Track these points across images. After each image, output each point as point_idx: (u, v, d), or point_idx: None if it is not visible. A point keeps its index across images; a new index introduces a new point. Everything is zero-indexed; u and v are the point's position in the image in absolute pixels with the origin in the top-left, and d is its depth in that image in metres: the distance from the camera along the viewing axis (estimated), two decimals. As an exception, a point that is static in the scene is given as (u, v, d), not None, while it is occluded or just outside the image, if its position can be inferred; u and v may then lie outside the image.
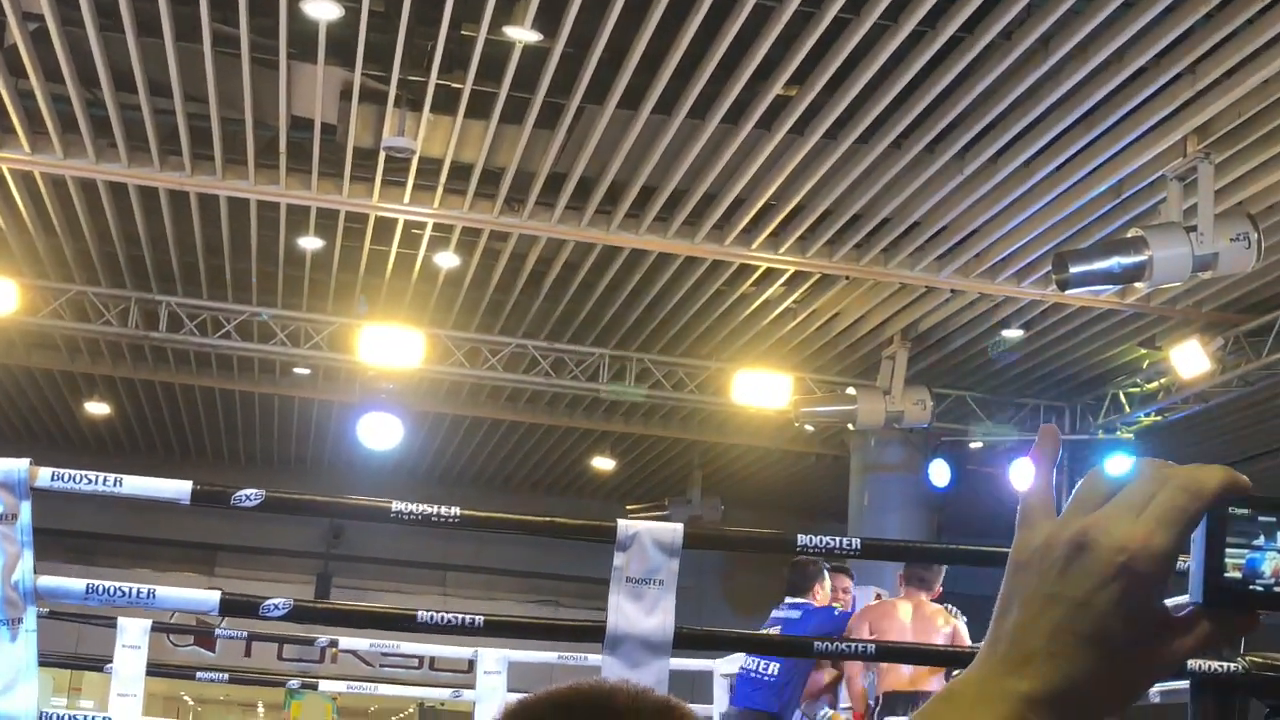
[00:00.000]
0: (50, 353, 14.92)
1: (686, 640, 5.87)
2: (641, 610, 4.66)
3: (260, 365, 15.01)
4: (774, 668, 7.72)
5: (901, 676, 7.56)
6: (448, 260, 12.05)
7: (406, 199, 10.48)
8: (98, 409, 17.16)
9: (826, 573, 8.11)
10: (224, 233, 11.68)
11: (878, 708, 7.60)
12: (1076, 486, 0.94)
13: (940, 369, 13.42)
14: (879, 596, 8.91)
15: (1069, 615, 0.90)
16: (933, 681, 7.54)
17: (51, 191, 11.07)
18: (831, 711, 8.26)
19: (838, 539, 4.96)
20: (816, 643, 5.47)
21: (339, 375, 14.83)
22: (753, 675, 7.80)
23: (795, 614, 7.90)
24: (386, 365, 13.04)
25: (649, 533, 4.68)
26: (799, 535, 4.82)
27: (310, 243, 11.88)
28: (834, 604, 8.08)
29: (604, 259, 11.73)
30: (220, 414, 17.24)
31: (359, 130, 9.61)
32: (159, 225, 11.65)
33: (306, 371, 15.08)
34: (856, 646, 5.53)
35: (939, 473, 13.87)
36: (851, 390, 12.87)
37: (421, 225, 11.23)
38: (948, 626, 7.76)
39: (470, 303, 13.04)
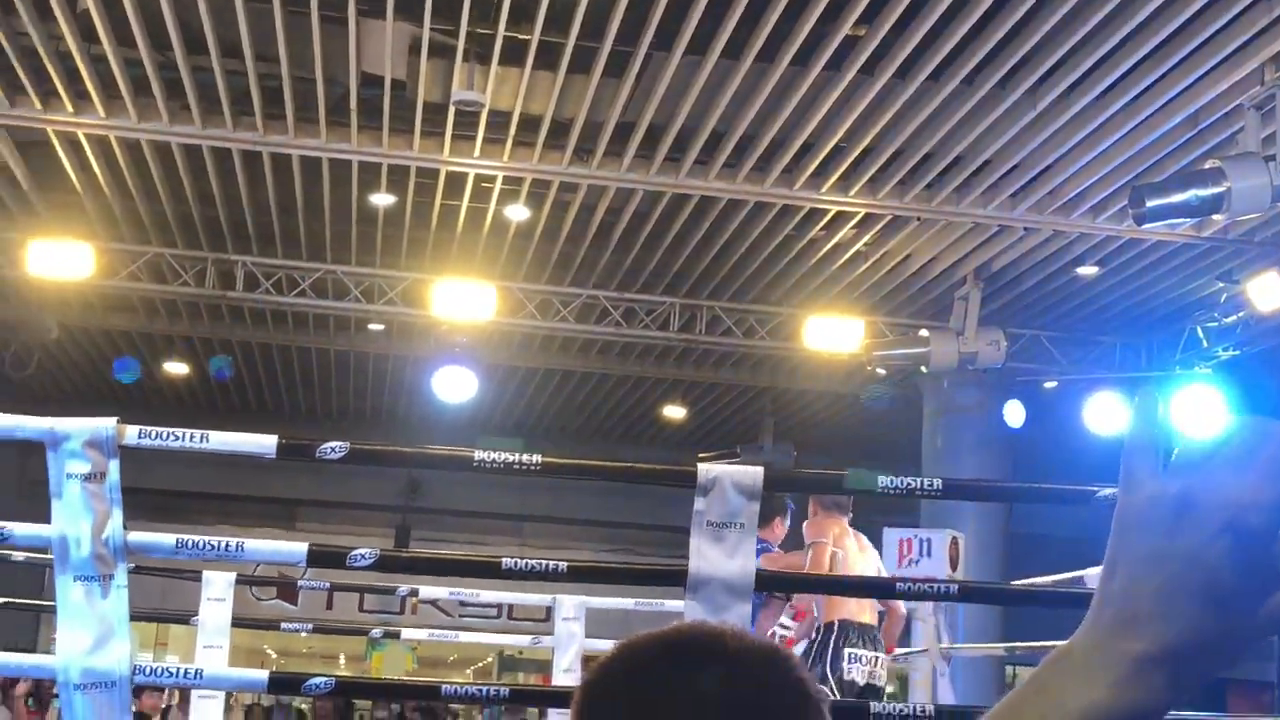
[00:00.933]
0: (128, 314, 15.14)
1: (767, 583, 5.90)
2: (723, 553, 4.68)
3: (335, 322, 15.15)
4: None
5: (856, 606, 7.53)
6: (518, 213, 12.10)
7: (476, 153, 10.52)
8: (176, 369, 17.41)
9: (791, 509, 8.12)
10: (297, 191, 11.79)
11: (830, 636, 7.53)
12: (1180, 445, 0.93)
13: (1014, 308, 13.33)
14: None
15: (1178, 573, 0.89)
16: (869, 612, 7.56)
17: (126, 155, 11.20)
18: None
19: (919, 480, 4.96)
20: (899, 583, 5.48)
21: (413, 330, 14.95)
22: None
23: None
24: (459, 319, 13.15)
25: (729, 476, 4.70)
26: (879, 476, 4.83)
27: (382, 199, 11.96)
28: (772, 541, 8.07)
29: (673, 207, 11.73)
30: (297, 371, 17.44)
31: (428, 85, 9.65)
32: (233, 186, 11.77)
33: (381, 327, 15.21)
34: (939, 587, 5.54)
35: (1014, 413, 13.80)
36: (924, 332, 12.82)
37: (492, 178, 11.27)
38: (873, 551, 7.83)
39: (541, 255, 13.09)
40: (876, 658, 7.49)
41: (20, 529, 4.67)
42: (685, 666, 1.28)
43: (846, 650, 7.34)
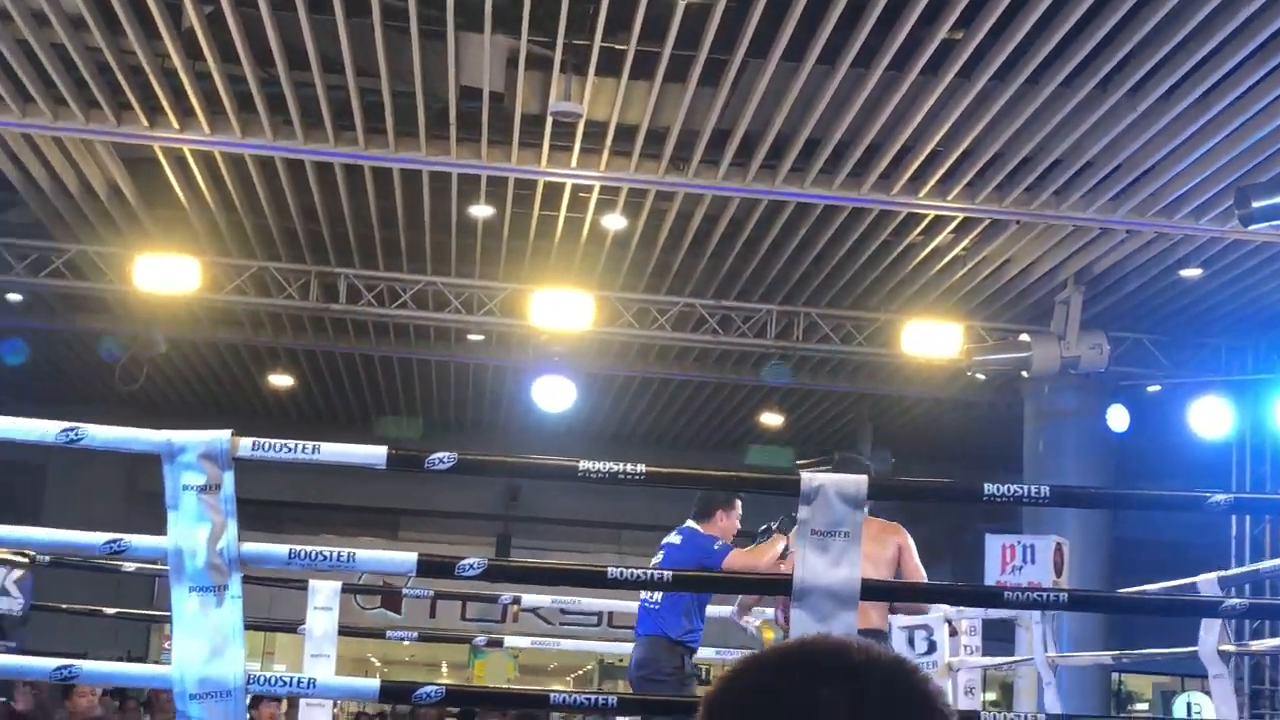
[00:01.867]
0: (235, 328, 15.38)
1: (872, 592, 5.88)
2: (828, 562, 4.66)
3: (436, 333, 15.30)
4: (657, 595, 7.62)
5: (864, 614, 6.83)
6: (615, 222, 12.16)
7: (574, 163, 10.58)
8: (281, 380, 17.65)
9: (738, 502, 7.82)
10: (398, 204, 11.93)
11: None
12: None
13: (1117, 312, 13.16)
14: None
15: None
16: (875, 617, 6.84)
17: (232, 171, 11.39)
18: (758, 622, 8.01)
19: (1025, 487, 4.92)
20: (1006, 591, 5.44)
21: (512, 340, 15.05)
22: (646, 604, 7.72)
23: (677, 539, 7.71)
24: (558, 328, 13.22)
25: (833, 485, 4.69)
26: (985, 484, 4.79)
27: (481, 210, 12.07)
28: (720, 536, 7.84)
29: (769, 214, 11.72)
30: (399, 381, 17.63)
31: (526, 97, 9.73)
32: (335, 199, 11.93)
33: (480, 337, 15.33)
34: (1047, 595, 5.49)
35: (1118, 418, 13.62)
36: (1025, 337, 12.69)
37: (589, 188, 11.34)
38: (896, 538, 7.05)
39: (637, 263, 13.13)
40: None
41: (137, 540, 4.77)
42: (811, 680, 1.27)
43: None
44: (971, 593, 6.96)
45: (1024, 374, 12.88)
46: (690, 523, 7.85)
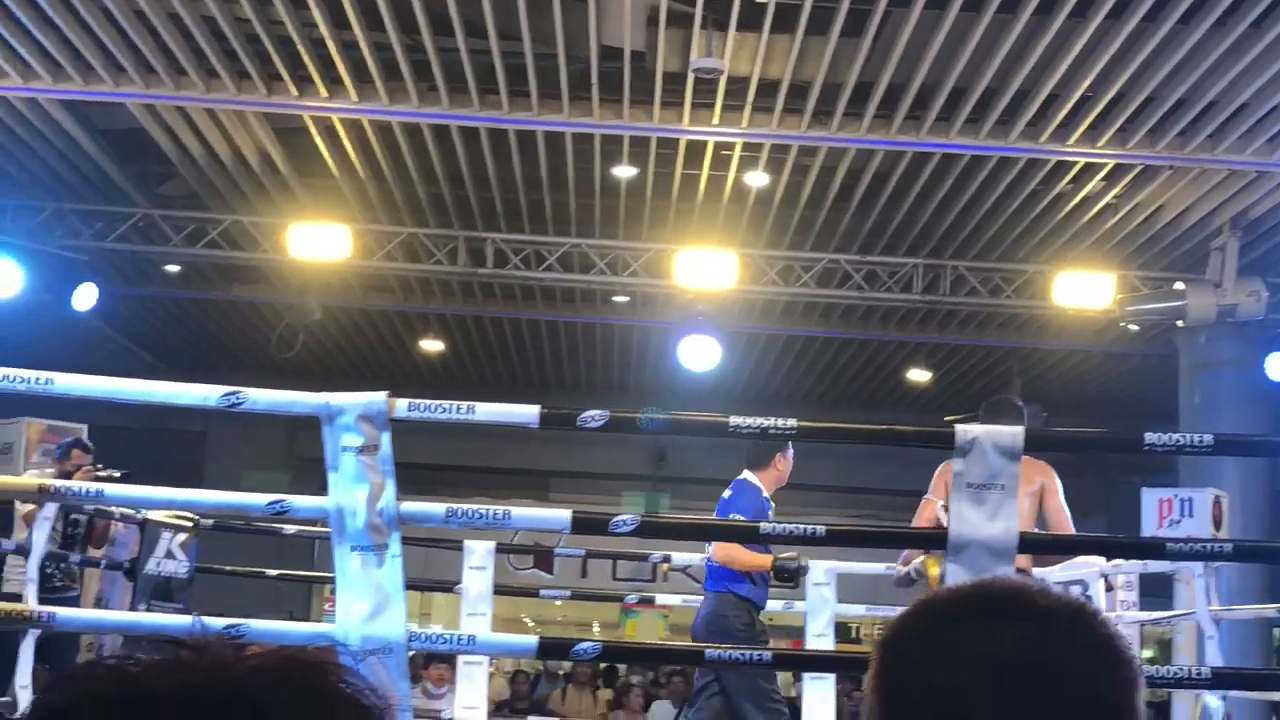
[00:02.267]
0: (385, 294, 15.64)
1: (1030, 545, 5.82)
2: (984, 515, 4.64)
3: (581, 295, 15.38)
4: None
5: None
6: (758, 179, 12.11)
7: (716, 120, 10.55)
8: (432, 345, 17.91)
9: (791, 447, 7.71)
10: (542, 167, 12.00)
11: None
12: None
13: (1275, 257, 12.79)
14: None
15: None
16: (1022, 560, 6.45)
17: (379, 138, 11.56)
18: (921, 557, 7.83)
19: (1187, 436, 4.84)
20: (1169, 543, 5.35)
21: (656, 300, 15.08)
22: (710, 563, 7.73)
23: (729, 493, 7.76)
24: (702, 288, 13.22)
25: (989, 437, 4.66)
26: (1146, 434, 4.72)
27: (624, 171, 12.10)
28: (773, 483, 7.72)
29: (914, 166, 11.58)
30: (546, 344, 17.78)
31: (667, 55, 9.71)
32: (481, 164, 12.04)
33: (626, 299, 15.38)
34: (1209, 547, 5.38)
35: (1277, 367, 13.27)
36: (1180, 285, 12.41)
37: (731, 146, 11.30)
38: (1042, 476, 6.93)
39: (781, 220, 13.07)
40: None
41: (299, 501, 4.90)
42: (989, 623, 1.25)
43: None
44: (1133, 545, 6.85)
45: (1179, 323, 12.60)
46: (745, 473, 7.90)
